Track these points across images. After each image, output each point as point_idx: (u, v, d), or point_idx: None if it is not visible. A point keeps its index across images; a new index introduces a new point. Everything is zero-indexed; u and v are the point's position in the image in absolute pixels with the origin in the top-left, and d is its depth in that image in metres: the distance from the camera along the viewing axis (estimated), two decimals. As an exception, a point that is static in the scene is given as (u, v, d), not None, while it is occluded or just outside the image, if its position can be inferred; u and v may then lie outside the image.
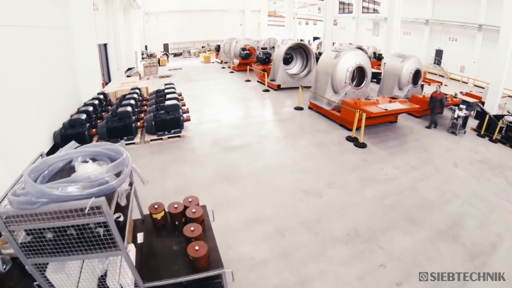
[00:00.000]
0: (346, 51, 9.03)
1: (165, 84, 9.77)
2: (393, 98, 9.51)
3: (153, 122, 7.12)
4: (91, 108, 7.71)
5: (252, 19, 33.24)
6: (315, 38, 43.33)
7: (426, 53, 26.42)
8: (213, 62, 23.60)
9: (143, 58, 27.38)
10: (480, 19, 21.15)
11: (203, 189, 5.18)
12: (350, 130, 8.20)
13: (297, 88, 12.84)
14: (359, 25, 35.68)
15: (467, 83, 21.89)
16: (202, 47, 32.26)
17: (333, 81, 9.15)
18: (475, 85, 20.69)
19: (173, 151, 6.75)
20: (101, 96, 9.03)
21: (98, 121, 7.87)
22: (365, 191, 5.42)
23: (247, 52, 17.81)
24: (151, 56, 28.95)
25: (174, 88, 9.72)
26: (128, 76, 17.68)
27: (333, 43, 24.44)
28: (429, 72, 24.94)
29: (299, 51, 13.83)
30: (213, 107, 10.05)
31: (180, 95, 10.07)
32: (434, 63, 26.19)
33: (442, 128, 9.01)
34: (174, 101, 7.37)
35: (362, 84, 9.56)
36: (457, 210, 5.01)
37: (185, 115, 7.55)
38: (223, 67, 20.40)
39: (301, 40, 41.45)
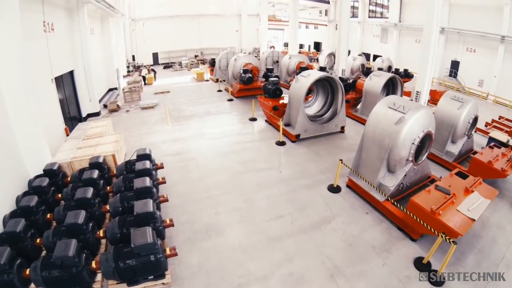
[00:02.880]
0: (412, 111, 6.07)
1: (138, 155, 6.67)
2: (461, 174, 6.66)
3: (114, 270, 4.10)
4: (20, 226, 4.63)
5: (250, 24, 29.98)
6: (315, 43, 40.39)
7: (441, 64, 24.23)
8: (207, 80, 20.33)
9: (128, 72, 24.05)
10: (503, 30, 19.14)
11: None
12: (415, 240, 5.65)
13: (320, 137, 9.93)
14: (365, 31, 33.05)
15: (486, 98, 20.00)
16: (195, 56, 28.95)
17: (390, 158, 6.25)
18: (496, 102, 18.67)
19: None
20: (45, 182, 5.89)
21: (39, 241, 4.84)
22: None
23: (250, 76, 14.68)
24: (138, 68, 25.61)
25: (149, 159, 6.61)
26: (104, 105, 14.47)
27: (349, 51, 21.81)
28: (445, 85, 22.71)
29: (321, 83, 10.58)
30: (211, 193, 6.82)
31: (160, 167, 6.95)
32: (450, 75, 24.07)
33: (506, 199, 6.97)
34: (147, 238, 4.14)
35: (424, 157, 6.70)
36: None
37: (169, 249, 4.51)
38: (220, 90, 17.20)
39: (301, 45, 38.75)
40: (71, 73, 11.88)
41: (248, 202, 6.48)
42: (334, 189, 7.00)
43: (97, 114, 13.13)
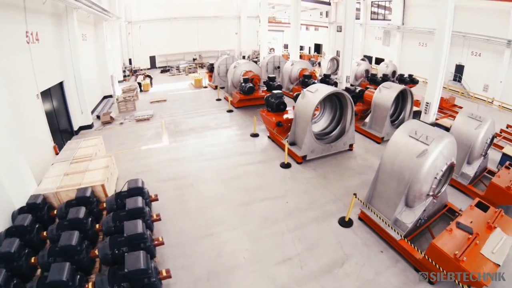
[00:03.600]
0: (436, 142, 5.48)
1: (129, 188, 6.04)
2: (481, 205, 6.10)
3: None
4: (0, 279, 4.08)
5: (249, 26, 29.28)
6: (316, 46, 39.70)
7: (445, 68, 23.70)
8: (205, 87, 19.65)
9: (125, 76, 23.33)
10: (509, 34, 18.68)
11: None
12: (433, 284, 5.08)
13: (327, 156, 9.26)
14: (367, 33, 32.43)
15: (491, 104, 19.58)
16: (194, 59, 28.22)
17: (409, 193, 5.67)
18: (501, 108, 18.22)
19: None
20: (28, 221, 5.26)
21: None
22: None
23: (250, 85, 14.03)
24: (134, 72, 24.88)
25: (142, 193, 5.99)
26: (97, 116, 13.79)
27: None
28: (449, 89, 22.22)
29: (328, 96, 9.31)
30: (212, 229, 6.15)
31: (154, 199, 6.32)
32: (454, 79, 23.52)
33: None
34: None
35: (444, 188, 6.14)
36: None
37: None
38: (219, 99, 16.53)
39: (301, 47, 38.09)
40: (60, 84, 11.19)
41: (253, 241, 5.86)
42: (346, 223, 6.40)
43: (89, 126, 12.45)
